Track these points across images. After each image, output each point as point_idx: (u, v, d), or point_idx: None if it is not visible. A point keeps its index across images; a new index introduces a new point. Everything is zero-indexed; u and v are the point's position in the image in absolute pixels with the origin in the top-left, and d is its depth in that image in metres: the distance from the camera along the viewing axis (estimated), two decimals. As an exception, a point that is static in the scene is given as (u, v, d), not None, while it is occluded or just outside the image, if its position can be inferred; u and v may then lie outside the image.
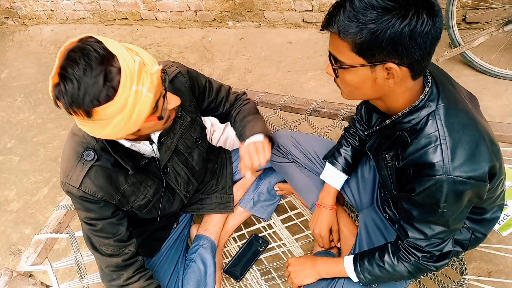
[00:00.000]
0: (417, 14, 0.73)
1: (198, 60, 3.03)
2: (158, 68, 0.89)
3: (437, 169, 0.80)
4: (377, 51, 0.77)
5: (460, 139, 0.81)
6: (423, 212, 0.89)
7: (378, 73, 0.81)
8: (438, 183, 0.81)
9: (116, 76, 0.82)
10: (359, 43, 0.77)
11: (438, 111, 0.84)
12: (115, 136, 0.91)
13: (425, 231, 0.92)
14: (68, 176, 1.04)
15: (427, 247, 0.94)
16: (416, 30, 0.73)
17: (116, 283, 1.17)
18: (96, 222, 1.11)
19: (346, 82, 0.87)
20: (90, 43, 0.83)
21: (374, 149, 1.06)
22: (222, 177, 1.56)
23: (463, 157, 0.80)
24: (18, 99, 3.27)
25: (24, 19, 4.12)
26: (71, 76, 0.80)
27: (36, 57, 3.71)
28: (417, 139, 0.85)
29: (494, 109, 2.00)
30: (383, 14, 0.73)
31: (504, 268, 1.48)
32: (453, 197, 0.82)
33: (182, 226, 1.55)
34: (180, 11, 3.26)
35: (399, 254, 1.01)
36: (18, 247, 2.15)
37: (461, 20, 2.37)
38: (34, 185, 2.48)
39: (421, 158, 0.83)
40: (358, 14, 0.75)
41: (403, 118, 0.88)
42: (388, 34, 0.73)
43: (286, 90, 2.54)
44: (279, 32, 2.99)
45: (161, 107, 0.95)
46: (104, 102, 0.82)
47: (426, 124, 0.84)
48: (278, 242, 1.57)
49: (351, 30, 0.76)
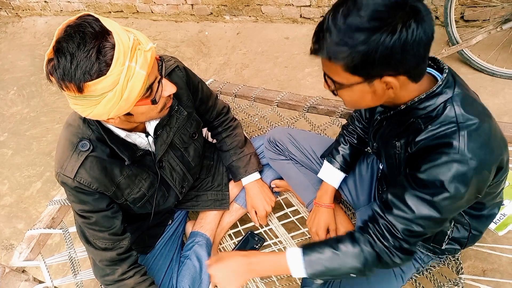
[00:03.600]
0: (406, 26, 0.71)
1: (194, 55, 3.01)
2: (152, 45, 0.89)
3: (453, 148, 0.78)
4: (371, 69, 0.76)
5: (478, 125, 0.80)
6: (421, 190, 0.84)
7: (377, 86, 0.81)
8: (450, 161, 0.79)
9: (110, 51, 0.82)
10: (351, 66, 0.76)
11: (455, 97, 0.83)
12: (106, 115, 0.90)
13: (414, 208, 0.84)
14: (63, 167, 1.03)
15: (403, 232, 0.86)
16: (408, 42, 0.72)
17: (110, 278, 1.16)
18: (90, 214, 1.09)
19: (346, 98, 0.87)
20: (87, 20, 0.83)
21: (385, 137, 1.02)
22: (218, 174, 1.55)
23: (480, 142, 0.79)
24: (11, 92, 3.22)
25: (17, 10, 4.06)
26: (64, 50, 0.81)
27: (29, 49, 3.66)
28: (432, 125, 0.83)
29: (490, 108, 1.95)
30: (370, 34, 0.72)
31: (498, 267, 1.49)
32: (459, 179, 0.79)
33: (177, 223, 1.54)
34: (176, 4, 3.23)
35: (362, 237, 0.92)
36: (11, 242, 2.13)
37: (459, 18, 2.37)
38: (27, 179, 2.45)
39: (436, 140, 0.81)
40: (345, 37, 0.73)
41: (419, 104, 0.86)
42: (379, 53, 0.72)
43: (283, 86, 2.52)
44: (277, 27, 2.97)
45: (155, 91, 0.95)
46: (96, 77, 0.82)
47: (443, 110, 0.83)
48: (274, 240, 1.57)
49: (340, 54, 0.75)
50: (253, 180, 1.48)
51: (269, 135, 1.48)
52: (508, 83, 2.09)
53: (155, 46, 0.91)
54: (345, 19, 0.74)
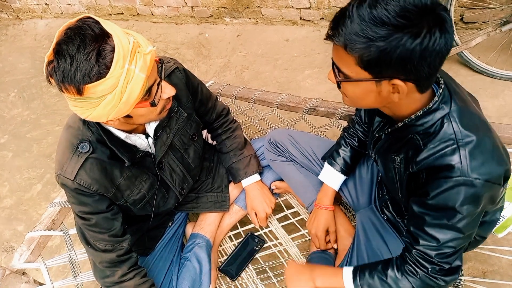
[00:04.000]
0: (430, 32, 0.69)
1: (194, 57, 3.01)
2: (151, 48, 0.89)
3: (456, 171, 0.77)
4: (384, 68, 0.74)
5: (477, 141, 0.78)
6: (437, 216, 0.84)
7: (384, 87, 0.79)
8: (456, 185, 0.78)
9: (109, 54, 0.82)
10: (366, 60, 0.73)
11: (452, 113, 0.81)
12: (106, 117, 0.90)
13: (438, 236, 0.86)
14: (63, 168, 1.03)
15: (437, 257, 0.88)
16: (428, 49, 0.70)
17: (110, 280, 1.16)
18: (90, 216, 1.09)
19: (349, 93, 0.85)
20: (87, 22, 0.84)
21: (383, 151, 1.02)
22: (218, 175, 1.55)
23: (482, 159, 0.77)
24: (12, 94, 3.23)
25: (18, 12, 4.07)
26: (64, 52, 0.81)
27: (30, 51, 3.67)
28: (431, 143, 0.82)
29: (490, 110, 2.00)
30: (393, 31, 0.69)
31: (498, 268, 1.49)
32: (470, 200, 0.79)
33: (177, 224, 1.54)
34: (176, 6, 3.24)
35: (405, 267, 0.93)
36: (11, 244, 2.13)
37: (459, 20, 2.37)
38: (27, 181, 2.45)
39: (437, 161, 0.80)
40: (366, 28, 0.70)
41: (416, 121, 0.85)
42: (398, 53, 0.70)
43: (282, 88, 2.53)
44: (276, 29, 2.98)
45: (154, 93, 0.95)
46: (95, 79, 0.82)
47: (441, 127, 0.81)
48: (274, 241, 1.57)
49: (358, 45, 0.72)
50: (253, 182, 1.48)
51: (270, 136, 1.48)
52: (508, 84, 2.09)
53: (154, 49, 0.91)
54: (371, 9, 0.70)
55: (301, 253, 1.51)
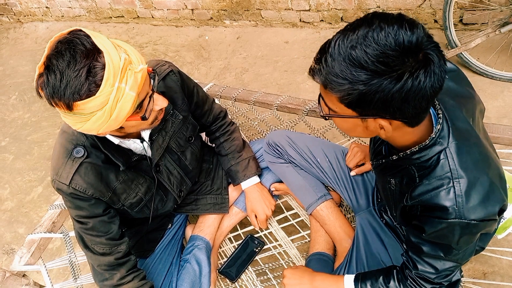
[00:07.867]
0: (413, 76, 0.65)
1: (194, 59, 3.02)
2: (143, 67, 0.88)
3: (450, 213, 0.76)
4: (366, 109, 0.72)
5: (473, 180, 0.76)
6: (434, 249, 0.85)
7: (370, 124, 0.77)
8: (451, 226, 0.77)
9: (100, 72, 0.81)
10: (346, 101, 0.72)
11: (449, 149, 0.78)
12: (96, 131, 0.89)
13: (436, 265, 0.88)
14: (58, 174, 1.03)
15: (437, 279, 0.90)
16: (410, 93, 0.66)
17: (109, 282, 1.16)
18: (87, 220, 1.10)
19: (338, 125, 0.83)
20: (78, 36, 0.82)
21: (380, 170, 1.00)
22: (217, 177, 1.55)
23: (477, 200, 0.75)
24: (13, 97, 3.24)
25: (19, 16, 4.08)
26: (54, 67, 0.80)
27: (30, 54, 3.68)
28: (427, 179, 0.80)
29: (490, 111, 2.00)
30: (372, 76, 0.66)
31: (499, 269, 1.48)
32: (466, 237, 0.79)
33: (176, 226, 1.54)
34: (176, 9, 3.25)
35: (406, 283, 0.95)
36: (12, 246, 2.14)
37: (458, 21, 2.37)
38: (28, 184, 2.46)
39: (432, 200, 0.78)
40: (346, 70, 0.67)
41: (411, 155, 0.82)
42: (377, 97, 0.67)
43: (282, 90, 2.53)
44: (276, 31, 2.98)
45: (145, 107, 0.94)
46: (85, 97, 0.81)
47: (437, 162, 0.78)
48: (274, 243, 1.57)
49: (338, 87, 0.69)
50: (253, 184, 1.48)
51: (268, 138, 1.48)
52: (507, 85, 2.09)
53: (146, 67, 0.89)
54: (351, 50, 0.66)
55: (301, 255, 1.51)
